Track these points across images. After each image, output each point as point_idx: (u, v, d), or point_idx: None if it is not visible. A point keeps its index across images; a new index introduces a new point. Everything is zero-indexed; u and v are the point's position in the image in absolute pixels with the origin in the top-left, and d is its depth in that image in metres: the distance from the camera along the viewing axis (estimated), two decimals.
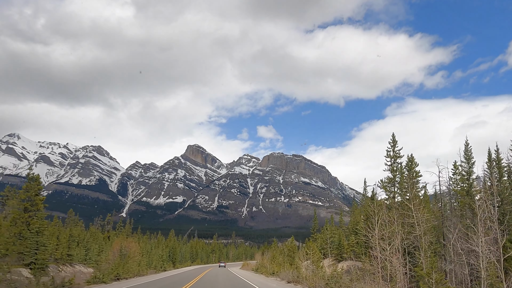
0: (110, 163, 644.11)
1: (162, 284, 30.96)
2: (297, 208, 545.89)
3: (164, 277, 42.79)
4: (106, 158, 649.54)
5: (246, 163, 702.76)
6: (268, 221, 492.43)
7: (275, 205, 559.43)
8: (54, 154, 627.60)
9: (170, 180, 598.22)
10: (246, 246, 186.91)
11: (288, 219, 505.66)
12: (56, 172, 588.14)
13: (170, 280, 36.38)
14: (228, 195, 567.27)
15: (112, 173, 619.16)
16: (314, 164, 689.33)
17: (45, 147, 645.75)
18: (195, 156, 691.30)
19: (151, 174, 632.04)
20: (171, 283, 32.27)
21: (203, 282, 32.92)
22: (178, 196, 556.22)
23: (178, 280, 36.25)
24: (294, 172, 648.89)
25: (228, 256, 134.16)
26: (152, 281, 34.16)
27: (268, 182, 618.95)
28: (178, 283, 31.77)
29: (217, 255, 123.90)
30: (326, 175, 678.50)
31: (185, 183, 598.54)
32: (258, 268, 58.43)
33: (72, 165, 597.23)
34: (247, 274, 52.21)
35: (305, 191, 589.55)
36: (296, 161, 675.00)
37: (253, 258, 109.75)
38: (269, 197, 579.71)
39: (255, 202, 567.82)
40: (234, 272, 58.40)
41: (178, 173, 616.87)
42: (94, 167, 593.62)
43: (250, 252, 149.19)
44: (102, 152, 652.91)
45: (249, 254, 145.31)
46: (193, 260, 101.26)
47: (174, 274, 49.22)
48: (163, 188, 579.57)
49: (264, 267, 54.63)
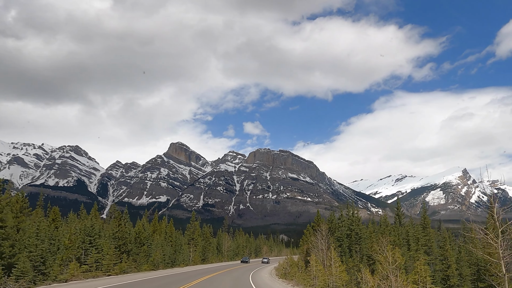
0: (89, 163, 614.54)
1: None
2: (285, 204, 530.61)
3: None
4: (85, 158, 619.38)
5: (232, 160, 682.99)
6: (256, 219, 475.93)
7: (263, 202, 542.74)
8: (29, 155, 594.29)
9: (153, 180, 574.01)
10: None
11: (276, 216, 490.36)
12: (31, 174, 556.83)
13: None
14: (214, 193, 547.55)
15: (91, 173, 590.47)
16: (302, 159, 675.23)
17: (18, 148, 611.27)
18: (178, 154, 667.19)
19: (132, 174, 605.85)
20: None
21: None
22: (162, 195, 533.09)
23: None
24: (282, 168, 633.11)
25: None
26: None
27: (255, 179, 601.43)
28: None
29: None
30: (314, 170, 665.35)
31: (168, 182, 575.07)
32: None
33: (48, 166, 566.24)
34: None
35: (293, 187, 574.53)
36: (283, 157, 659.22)
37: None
38: (257, 194, 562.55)
39: (242, 199, 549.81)
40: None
41: (161, 172, 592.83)
42: (72, 167, 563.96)
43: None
44: (80, 152, 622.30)
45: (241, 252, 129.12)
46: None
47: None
48: (145, 187, 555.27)
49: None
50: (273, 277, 41.11)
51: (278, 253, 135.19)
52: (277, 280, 38.59)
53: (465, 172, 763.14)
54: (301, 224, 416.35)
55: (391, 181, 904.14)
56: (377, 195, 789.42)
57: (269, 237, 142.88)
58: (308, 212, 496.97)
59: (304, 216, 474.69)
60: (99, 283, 27.90)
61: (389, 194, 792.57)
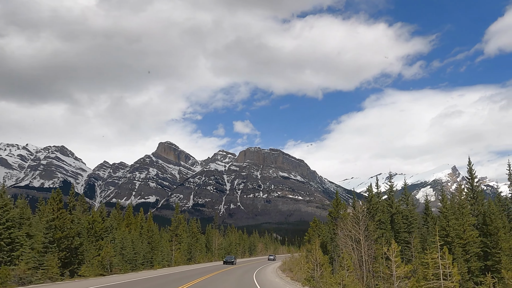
0: (76, 163, 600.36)
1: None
2: (276, 203, 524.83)
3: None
4: (71, 158, 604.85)
5: (222, 159, 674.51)
6: (247, 218, 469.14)
7: (254, 201, 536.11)
8: (13, 156, 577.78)
9: (142, 180, 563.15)
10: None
11: (268, 215, 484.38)
12: (15, 175, 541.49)
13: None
14: (204, 192, 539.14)
15: (78, 174, 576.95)
16: (292, 158, 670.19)
17: (2, 149, 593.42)
18: (167, 154, 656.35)
19: (120, 174, 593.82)
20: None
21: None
22: (151, 195, 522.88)
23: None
24: (272, 166, 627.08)
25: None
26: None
27: (245, 178, 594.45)
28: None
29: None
30: (305, 169, 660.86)
31: (157, 182, 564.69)
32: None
33: (33, 167, 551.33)
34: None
35: (284, 185, 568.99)
36: (274, 156, 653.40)
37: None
38: (247, 193, 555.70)
39: (233, 199, 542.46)
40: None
41: (149, 172, 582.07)
42: (58, 168, 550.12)
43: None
44: (66, 153, 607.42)
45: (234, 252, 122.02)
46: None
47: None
48: (134, 188, 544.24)
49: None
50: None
51: (274, 251, 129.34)
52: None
53: (454, 169, 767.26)
54: (293, 223, 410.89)
55: (382, 179, 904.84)
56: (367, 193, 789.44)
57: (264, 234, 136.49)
58: (299, 210, 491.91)
59: (295, 215, 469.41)
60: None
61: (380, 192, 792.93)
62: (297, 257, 49.57)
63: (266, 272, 43.28)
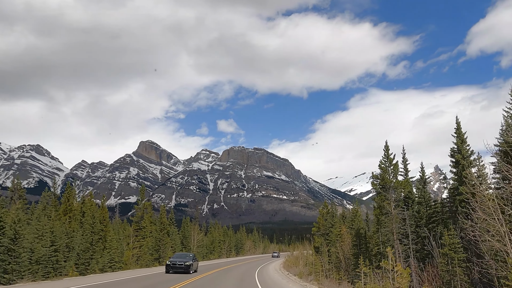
0: (52, 163, 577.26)
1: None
2: (261, 203, 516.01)
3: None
4: (47, 158, 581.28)
5: (205, 158, 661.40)
6: (231, 218, 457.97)
7: (238, 201, 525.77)
8: None
9: (122, 179, 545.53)
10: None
11: (252, 214, 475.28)
12: None
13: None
14: (187, 192, 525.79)
15: (55, 174, 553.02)
16: (277, 157, 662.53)
17: None
18: (148, 153, 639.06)
19: (99, 174, 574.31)
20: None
21: None
22: (132, 196, 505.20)
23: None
24: (256, 166, 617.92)
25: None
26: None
27: (229, 178, 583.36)
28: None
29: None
30: (290, 168, 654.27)
31: (138, 181, 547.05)
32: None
33: (6, 167, 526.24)
34: None
35: (268, 185, 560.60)
36: (258, 155, 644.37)
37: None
38: (231, 192, 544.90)
39: (216, 198, 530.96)
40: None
41: (130, 172, 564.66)
42: (33, 168, 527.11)
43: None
44: (41, 152, 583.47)
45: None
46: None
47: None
48: (113, 188, 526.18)
49: None
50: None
51: (264, 249, 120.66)
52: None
53: (437, 168, 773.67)
54: (277, 222, 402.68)
55: (366, 178, 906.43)
56: (352, 192, 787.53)
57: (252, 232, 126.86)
58: (284, 210, 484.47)
59: (279, 215, 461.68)
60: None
61: (364, 191, 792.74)
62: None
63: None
